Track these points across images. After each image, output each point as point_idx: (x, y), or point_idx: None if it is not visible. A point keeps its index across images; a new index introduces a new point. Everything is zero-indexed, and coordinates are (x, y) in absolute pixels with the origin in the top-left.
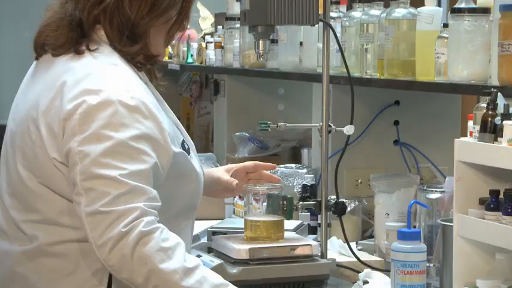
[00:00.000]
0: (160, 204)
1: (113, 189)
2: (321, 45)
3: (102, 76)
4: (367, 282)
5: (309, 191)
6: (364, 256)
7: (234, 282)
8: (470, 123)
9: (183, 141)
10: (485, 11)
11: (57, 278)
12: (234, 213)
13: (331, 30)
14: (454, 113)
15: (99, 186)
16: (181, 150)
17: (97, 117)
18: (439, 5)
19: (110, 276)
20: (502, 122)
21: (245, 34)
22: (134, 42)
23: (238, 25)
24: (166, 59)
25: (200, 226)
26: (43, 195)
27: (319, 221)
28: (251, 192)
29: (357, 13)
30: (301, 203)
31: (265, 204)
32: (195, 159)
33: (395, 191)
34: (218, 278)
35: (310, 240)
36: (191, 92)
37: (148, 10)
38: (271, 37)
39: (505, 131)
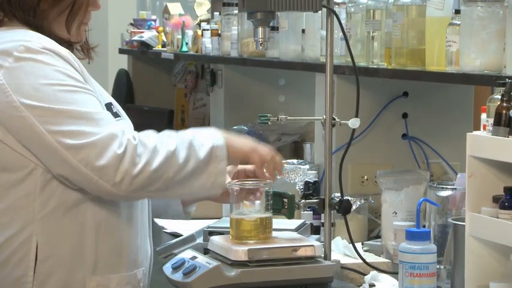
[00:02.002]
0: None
1: (84, 126)
2: (324, 32)
3: (11, 36)
4: (374, 285)
5: (311, 188)
6: (371, 258)
7: (232, 286)
8: (483, 116)
9: (111, 104)
10: None
11: None
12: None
13: (335, 17)
14: (466, 105)
15: (70, 127)
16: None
17: (23, 72)
18: None
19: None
20: None
21: (243, 21)
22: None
23: (236, 11)
24: (159, 47)
25: (196, 226)
26: None
27: (322, 220)
28: (235, 189)
29: None
30: (303, 201)
31: (258, 202)
32: None
33: (403, 188)
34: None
35: (312, 240)
36: (186, 82)
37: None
38: (271, 24)
39: None
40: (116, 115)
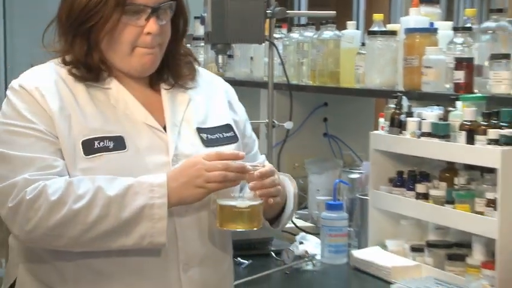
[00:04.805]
0: (59, 169)
1: None
2: (267, 59)
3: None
4: (302, 243)
5: None
6: (300, 223)
7: None
8: (381, 120)
9: (94, 140)
10: (393, 33)
11: None
12: None
13: (275, 48)
14: (369, 112)
15: None
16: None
17: None
18: (357, 28)
19: None
20: (406, 119)
21: (208, 50)
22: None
23: (202, 44)
24: None
25: None
26: None
27: None
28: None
29: (295, 34)
30: None
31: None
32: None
33: (324, 172)
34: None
35: None
36: None
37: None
38: (228, 53)
39: (408, 126)
40: (95, 151)
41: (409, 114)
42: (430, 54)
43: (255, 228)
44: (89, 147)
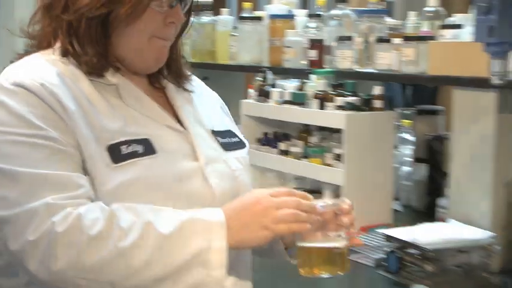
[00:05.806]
0: (86, 189)
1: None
2: None
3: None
4: None
5: None
6: None
7: None
8: (250, 90)
9: (119, 144)
10: (260, 18)
11: None
12: None
13: None
14: (240, 83)
15: None
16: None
17: None
18: (231, 14)
19: None
20: (270, 89)
21: None
22: None
23: None
24: None
25: None
26: None
27: None
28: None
29: None
30: None
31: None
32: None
33: None
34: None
35: None
36: None
37: None
38: None
39: (273, 95)
40: (125, 157)
41: (273, 85)
42: (290, 36)
43: (343, 273)
44: (116, 153)
